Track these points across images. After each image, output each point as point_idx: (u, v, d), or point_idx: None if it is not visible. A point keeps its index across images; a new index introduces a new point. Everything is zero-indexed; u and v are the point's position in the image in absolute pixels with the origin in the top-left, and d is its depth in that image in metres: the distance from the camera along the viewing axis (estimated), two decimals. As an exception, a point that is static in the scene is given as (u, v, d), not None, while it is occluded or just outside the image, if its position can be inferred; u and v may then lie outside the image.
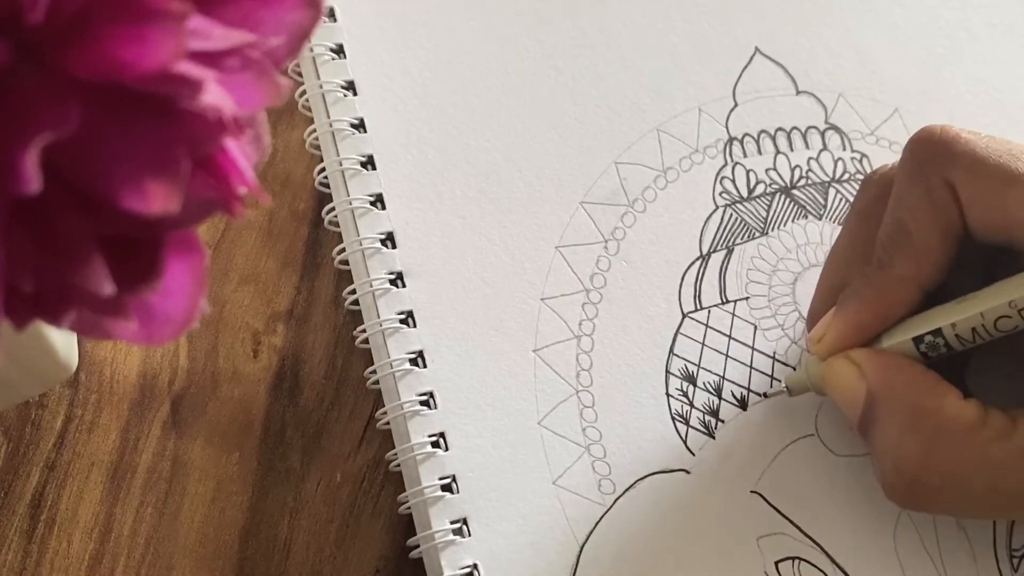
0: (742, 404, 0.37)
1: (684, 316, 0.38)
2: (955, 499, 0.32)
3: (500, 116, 0.41)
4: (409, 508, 0.35)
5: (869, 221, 0.34)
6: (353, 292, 0.38)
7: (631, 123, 0.41)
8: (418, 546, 0.35)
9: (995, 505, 0.32)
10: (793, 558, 0.35)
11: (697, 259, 0.39)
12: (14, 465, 0.35)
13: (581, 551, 0.34)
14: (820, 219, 0.40)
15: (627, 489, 0.35)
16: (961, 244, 0.33)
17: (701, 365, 0.38)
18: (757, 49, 0.43)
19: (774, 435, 0.37)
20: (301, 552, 0.35)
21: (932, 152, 0.33)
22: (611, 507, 0.35)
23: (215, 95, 0.19)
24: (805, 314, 0.38)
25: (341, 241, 0.39)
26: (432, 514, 0.34)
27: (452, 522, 0.34)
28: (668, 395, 0.37)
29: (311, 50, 0.40)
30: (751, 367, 0.38)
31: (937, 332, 0.33)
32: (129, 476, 0.36)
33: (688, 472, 0.36)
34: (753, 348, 0.38)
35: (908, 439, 0.31)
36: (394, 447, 0.36)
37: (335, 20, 0.41)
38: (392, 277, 0.38)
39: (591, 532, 0.35)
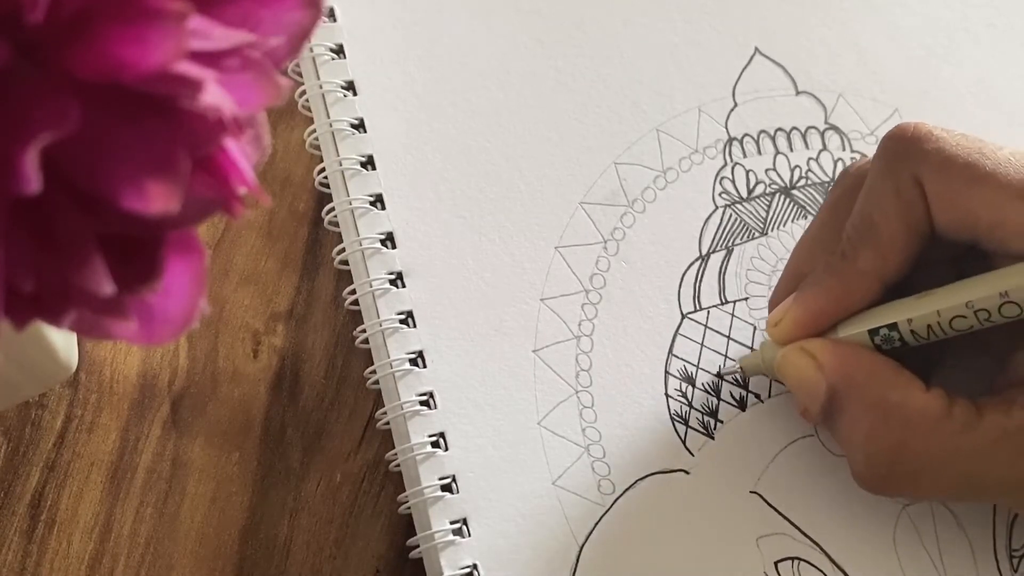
0: (741, 405, 0.37)
1: (683, 317, 0.38)
2: (927, 488, 0.32)
3: (500, 116, 0.41)
4: (409, 508, 0.35)
5: (839, 213, 0.35)
6: (353, 292, 0.38)
7: (631, 123, 0.41)
8: (418, 546, 0.35)
9: (966, 493, 0.33)
10: (793, 558, 0.35)
11: (696, 259, 0.39)
12: (14, 465, 0.35)
13: (581, 551, 0.35)
14: (820, 219, 0.40)
15: (627, 489, 0.35)
16: (926, 241, 0.33)
17: (700, 366, 0.38)
18: (757, 49, 0.43)
19: (773, 435, 0.37)
20: (301, 552, 0.35)
21: (903, 149, 0.33)
22: (611, 507, 0.35)
23: (215, 95, 0.19)
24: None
25: (341, 241, 0.39)
26: (432, 514, 0.34)
27: (452, 522, 0.34)
28: (667, 395, 0.37)
29: (311, 50, 0.40)
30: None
31: (893, 326, 0.33)
32: (129, 476, 0.36)
33: (687, 472, 0.36)
34: (752, 349, 0.38)
35: (878, 435, 0.32)
36: (394, 447, 0.36)
37: (335, 20, 0.41)
38: (392, 277, 0.38)
39: (591, 532, 0.35)
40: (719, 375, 0.37)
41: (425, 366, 0.36)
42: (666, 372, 0.37)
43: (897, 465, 0.32)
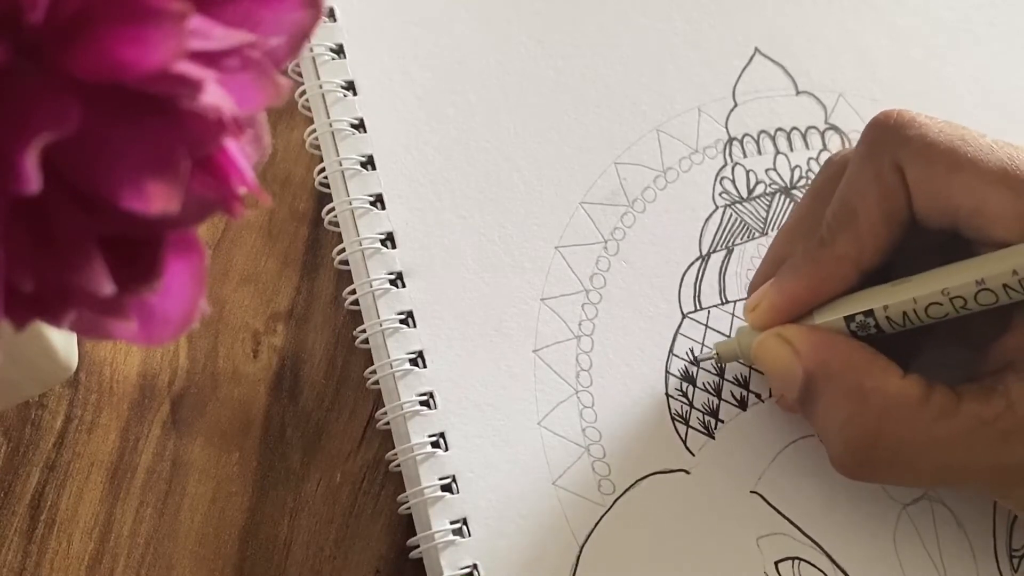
0: (741, 404, 0.37)
1: (684, 316, 0.38)
2: (904, 473, 0.32)
3: (500, 116, 0.41)
4: (409, 508, 0.35)
5: (821, 200, 0.35)
6: (353, 292, 0.38)
7: (631, 123, 0.41)
8: (418, 546, 0.35)
9: (943, 480, 0.33)
10: (793, 558, 0.35)
11: (697, 259, 0.39)
12: (14, 465, 0.35)
13: (581, 551, 0.35)
14: (820, 219, 0.40)
15: (627, 489, 0.35)
16: (906, 228, 0.33)
17: (701, 366, 0.38)
18: (757, 49, 0.43)
19: (774, 435, 0.37)
20: (301, 552, 0.35)
21: (885, 134, 0.33)
22: (611, 507, 0.35)
23: (215, 95, 0.19)
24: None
25: (341, 241, 0.39)
26: (432, 514, 0.34)
27: (452, 522, 0.34)
28: (668, 395, 0.37)
29: (311, 50, 0.40)
30: (751, 367, 0.38)
31: (869, 313, 0.33)
32: (129, 476, 0.36)
33: (688, 472, 0.36)
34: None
35: (855, 421, 0.32)
36: (394, 447, 0.36)
37: (335, 20, 0.41)
38: (392, 277, 0.38)
39: (591, 532, 0.35)
40: (694, 361, 0.37)
41: (425, 366, 0.36)
42: (667, 372, 0.37)
43: (874, 451, 0.32)
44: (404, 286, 0.38)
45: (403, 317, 0.37)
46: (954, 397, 0.31)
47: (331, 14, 0.41)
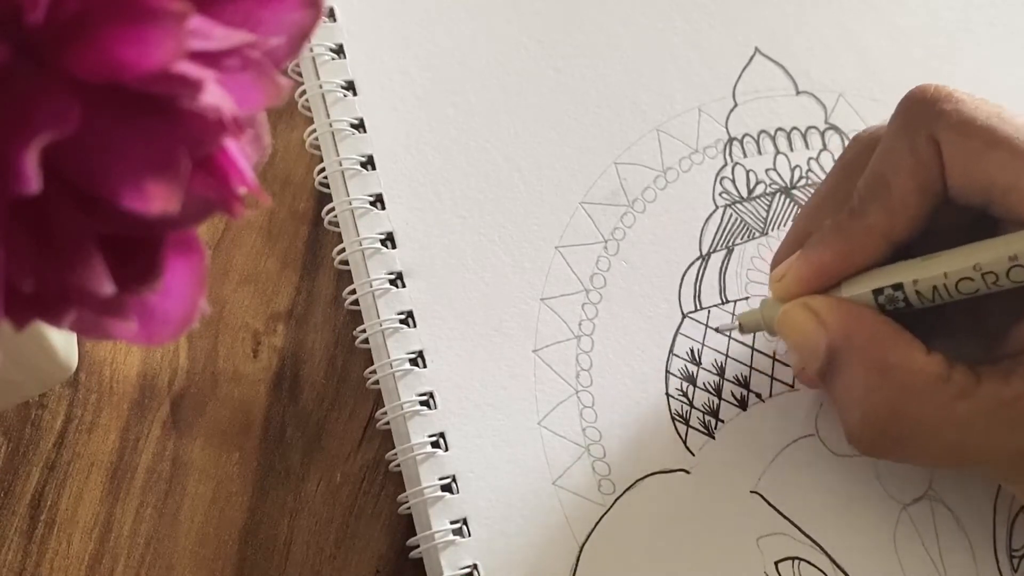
0: (742, 404, 0.37)
1: (684, 316, 0.38)
2: (919, 451, 0.32)
3: (500, 116, 0.41)
4: (409, 508, 0.35)
5: (851, 174, 0.34)
6: (353, 292, 0.38)
7: (631, 123, 0.41)
8: (418, 546, 0.35)
9: (959, 459, 0.32)
10: (793, 558, 0.35)
11: (697, 259, 0.39)
12: (14, 465, 0.35)
13: (581, 551, 0.35)
14: (820, 219, 0.40)
15: (627, 489, 0.35)
16: (938, 203, 0.33)
17: (701, 365, 0.38)
18: (757, 49, 0.43)
19: (774, 435, 0.37)
20: (301, 552, 0.35)
21: (921, 108, 0.33)
22: (611, 507, 0.35)
23: (215, 95, 0.19)
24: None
25: (341, 241, 0.39)
26: (432, 514, 0.34)
27: (452, 522, 0.34)
28: (668, 395, 0.37)
29: (311, 50, 0.40)
30: (751, 367, 0.38)
31: (898, 286, 0.32)
32: (129, 476, 0.36)
33: (688, 472, 0.36)
34: (753, 348, 0.38)
35: (875, 394, 0.31)
36: (394, 447, 0.36)
37: (335, 20, 0.41)
38: (392, 277, 0.38)
39: (591, 532, 0.35)
40: (716, 330, 0.37)
41: (425, 366, 0.36)
42: (667, 371, 0.37)
43: (891, 427, 0.31)
44: (404, 286, 0.38)
45: (403, 317, 0.37)
46: (974, 377, 0.31)
47: (331, 14, 0.41)
